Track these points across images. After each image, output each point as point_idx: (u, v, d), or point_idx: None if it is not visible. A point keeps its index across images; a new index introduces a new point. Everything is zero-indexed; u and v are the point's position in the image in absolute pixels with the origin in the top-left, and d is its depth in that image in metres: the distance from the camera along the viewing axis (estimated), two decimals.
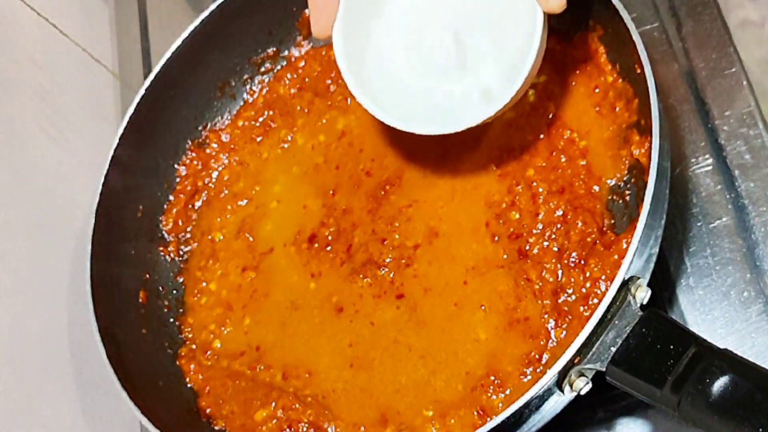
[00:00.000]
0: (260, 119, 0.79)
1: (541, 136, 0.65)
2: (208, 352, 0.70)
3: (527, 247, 0.61)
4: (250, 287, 0.71)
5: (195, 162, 0.78)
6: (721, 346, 0.49)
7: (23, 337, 0.66)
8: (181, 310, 0.73)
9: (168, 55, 0.74)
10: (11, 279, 0.66)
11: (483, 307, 0.61)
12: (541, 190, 0.62)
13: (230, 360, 0.69)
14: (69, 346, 0.70)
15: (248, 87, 0.80)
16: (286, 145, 0.77)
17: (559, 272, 0.59)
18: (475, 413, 0.57)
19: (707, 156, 0.66)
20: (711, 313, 0.62)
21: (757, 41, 0.70)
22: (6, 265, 0.66)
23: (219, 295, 0.73)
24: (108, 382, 0.61)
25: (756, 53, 0.69)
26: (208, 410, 0.67)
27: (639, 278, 0.53)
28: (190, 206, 0.77)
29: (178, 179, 0.78)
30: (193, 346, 0.71)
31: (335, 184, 0.72)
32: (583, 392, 0.52)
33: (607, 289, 0.51)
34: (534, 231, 0.61)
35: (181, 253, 0.76)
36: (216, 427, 0.66)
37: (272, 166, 0.77)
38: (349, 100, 0.75)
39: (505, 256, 0.62)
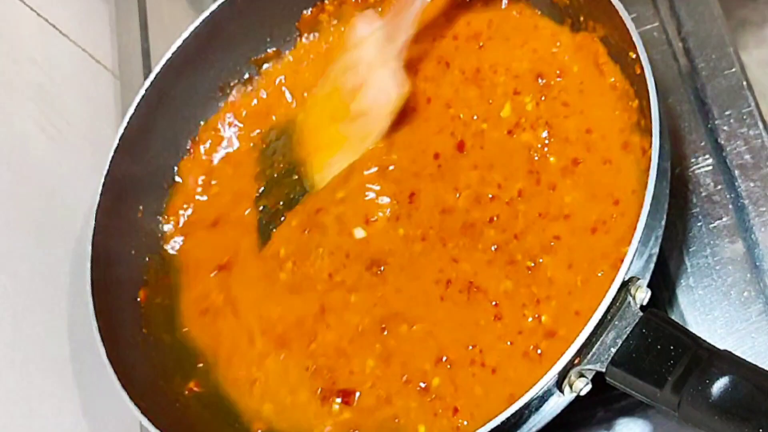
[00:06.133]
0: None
1: None
2: None
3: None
4: None
5: None
6: (721, 346, 0.49)
7: (23, 337, 0.66)
8: None
9: (168, 55, 0.74)
10: (11, 280, 0.66)
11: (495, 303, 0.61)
12: None
13: None
14: (69, 346, 0.70)
15: (248, 87, 0.80)
16: None
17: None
18: None
19: (707, 156, 0.66)
20: (711, 313, 0.62)
21: (757, 41, 0.70)
22: (6, 265, 0.66)
23: None
24: (108, 382, 0.61)
25: (756, 53, 0.69)
26: None
27: (639, 279, 0.53)
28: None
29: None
30: None
31: None
32: (583, 393, 0.52)
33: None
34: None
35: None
36: None
37: None
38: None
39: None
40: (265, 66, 0.79)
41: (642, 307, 0.52)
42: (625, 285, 0.52)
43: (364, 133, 0.70)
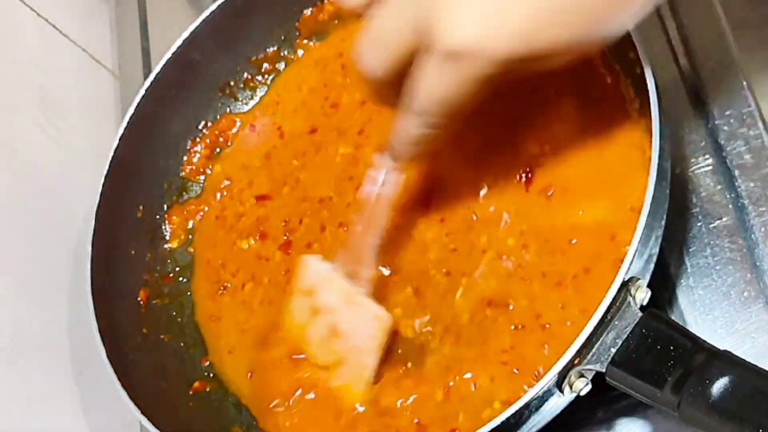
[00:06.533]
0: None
1: None
2: None
3: None
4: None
5: None
6: (721, 346, 0.49)
7: (23, 337, 0.66)
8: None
9: (168, 55, 0.74)
10: (12, 280, 0.66)
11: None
12: None
13: None
14: (69, 346, 0.70)
15: (248, 87, 0.80)
16: None
17: None
18: None
19: (707, 156, 0.66)
20: (711, 313, 0.62)
21: (757, 41, 0.70)
22: (6, 265, 0.66)
23: None
24: (108, 382, 0.61)
25: (756, 53, 0.69)
26: None
27: (639, 279, 0.53)
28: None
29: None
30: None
31: None
32: (583, 393, 0.52)
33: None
34: None
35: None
36: None
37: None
38: None
39: None
40: (265, 66, 0.80)
41: (642, 308, 0.51)
42: (625, 285, 0.52)
43: (355, 377, 0.61)
